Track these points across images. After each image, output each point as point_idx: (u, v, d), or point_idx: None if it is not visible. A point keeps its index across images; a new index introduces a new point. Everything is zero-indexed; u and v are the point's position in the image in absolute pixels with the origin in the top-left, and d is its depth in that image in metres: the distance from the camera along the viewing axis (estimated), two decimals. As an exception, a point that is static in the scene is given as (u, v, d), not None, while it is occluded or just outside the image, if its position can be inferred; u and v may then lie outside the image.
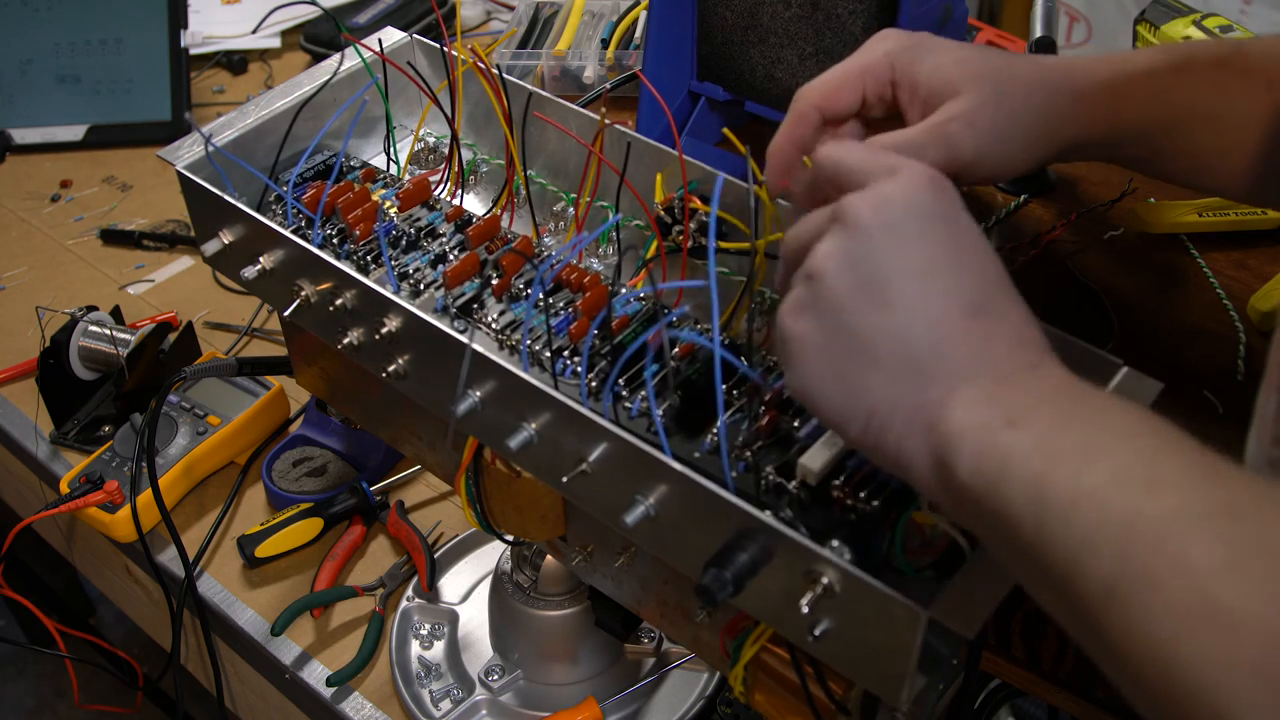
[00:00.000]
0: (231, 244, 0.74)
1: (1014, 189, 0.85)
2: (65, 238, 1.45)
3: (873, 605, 0.50)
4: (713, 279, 0.55)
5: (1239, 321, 0.74)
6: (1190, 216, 0.81)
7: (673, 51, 0.85)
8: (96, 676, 1.52)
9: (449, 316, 0.70)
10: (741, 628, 0.63)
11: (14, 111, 1.58)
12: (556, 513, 0.71)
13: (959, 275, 0.49)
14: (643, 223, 0.74)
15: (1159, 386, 0.58)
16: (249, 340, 1.29)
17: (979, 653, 0.65)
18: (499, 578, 0.94)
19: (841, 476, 0.57)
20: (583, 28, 1.42)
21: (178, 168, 0.75)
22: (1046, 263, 0.79)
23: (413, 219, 0.76)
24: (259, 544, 1.04)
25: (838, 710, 0.60)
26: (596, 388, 0.64)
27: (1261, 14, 2.02)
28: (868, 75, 0.61)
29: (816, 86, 0.62)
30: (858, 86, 0.62)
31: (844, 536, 0.54)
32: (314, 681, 0.97)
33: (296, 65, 1.71)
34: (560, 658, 0.94)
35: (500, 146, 0.81)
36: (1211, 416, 0.68)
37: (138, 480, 1.05)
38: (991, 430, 0.45)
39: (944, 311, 0.48)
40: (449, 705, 0.94)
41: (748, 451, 0.59)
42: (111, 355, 1.18)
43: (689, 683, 0.95)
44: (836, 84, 0.62)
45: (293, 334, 0.87)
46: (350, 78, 0.82)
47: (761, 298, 0.71)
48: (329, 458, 1.13)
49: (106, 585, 1.25)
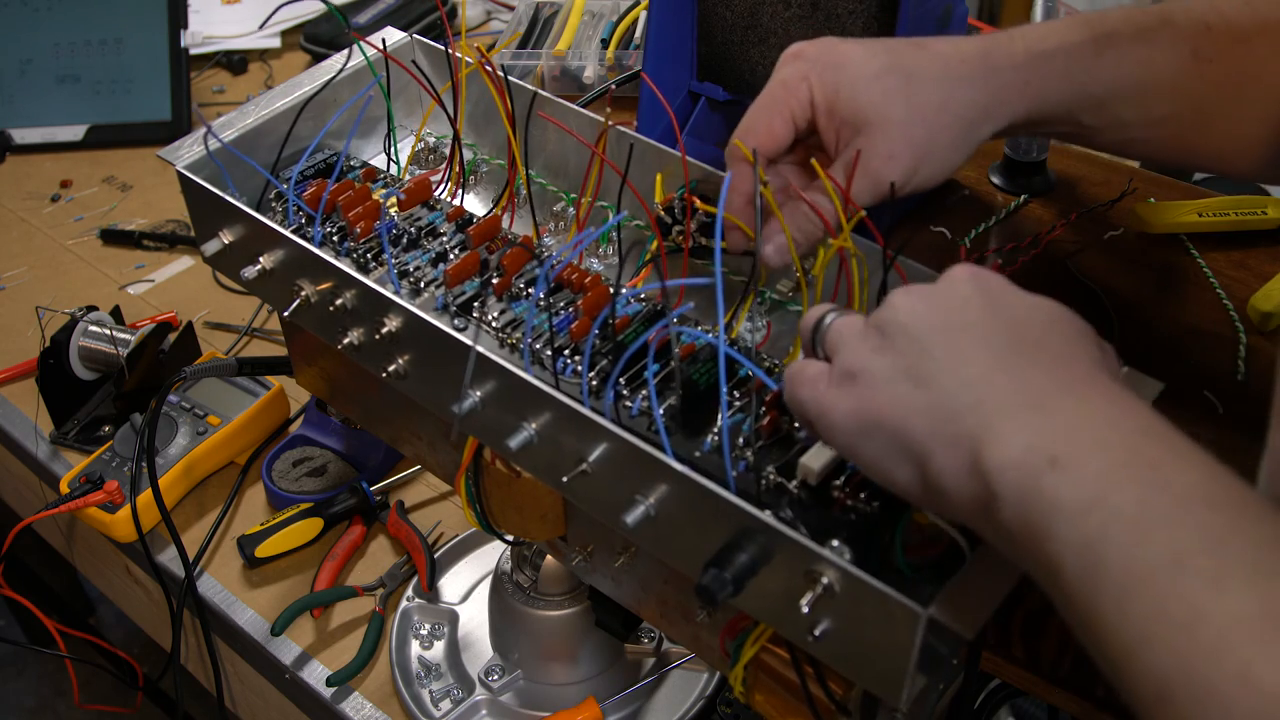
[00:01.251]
0: (231, 244, 0.74)
1: (1014, 189, 0.85)
2: (65, 238, 1.45)
3: (873, 605, 0.50)
4: (719, 277, 0.55)
5: (1239, 321, 0.74)
6: (1190, 216, 0.81)
7: (673, 51, 0.85)
8: (96, 676, 1.51)
9: (449, 315, 0.70)
10: (741, 628, 0.63)
11: (14, 111, 1.58)
12: (556, 513, 0.71)
13: (994, 325, 0.49)
14: (643, 223, 0.74)
15: (1159, 386, 0.58)
16: (249, 340, 1.29)
17: (979, 653, 0.65)
18: (499, 578, 0.94)
19: (842, 477, 0.57)
20: (583, 28, 1.42)
21: (178, 167, 0.75)
22: (1046, 263, 0.79)
23: (413, 218, 0.76)
24: (259, 544, 1.04)
25: (838, 710, 0.60)
26: (598, 386, 0.64)
27: (1261, 14, 2.01)
28: (794, 109, 0.63)
29: (753, 135, 0.63)
30: (789, 124, 0.63)
31: (844, 536, 0.54)
32: (314, 681, 0.97)
33: (296, 65, 1.71)
34: (560, 658, 0.94)
35: (500, 147, 0.81)
36: (1211, 416, 0.68)
37: (138, 480, 1.05)
38: (1034, 472, 0.44)
39: (978, 352, 0.48)
40: (449, 705, 0.94)
41: (748, 451, 0.59)
42: (111, 355, 1.18)
43: (689, 683, 0.95)
44: (768, 128, 0.63)
45: (293, 334, 0.87)
46: (350, 78, 0.82)
47: (763, 297, 0.71)
48: (329, 458, 1.13)
49: (106, 585, 1.25)
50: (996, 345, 0.49)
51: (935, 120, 0.62)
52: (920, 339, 0.50)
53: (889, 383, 0.49)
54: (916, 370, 0.49)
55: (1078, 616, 0.42)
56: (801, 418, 0.54)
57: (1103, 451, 0.44)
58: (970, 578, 0.51)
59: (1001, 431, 0.45)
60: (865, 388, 0.50)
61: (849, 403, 0.50)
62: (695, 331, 0.67)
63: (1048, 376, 0.47)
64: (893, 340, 0.50)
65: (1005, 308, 0.51)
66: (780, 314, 0.70)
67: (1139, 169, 0.91)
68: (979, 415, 0.46)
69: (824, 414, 0.51)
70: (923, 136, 0.62)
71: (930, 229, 0.82)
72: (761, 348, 0.69)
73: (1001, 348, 0.49)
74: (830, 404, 0.51)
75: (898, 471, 0.49)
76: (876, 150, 0.61)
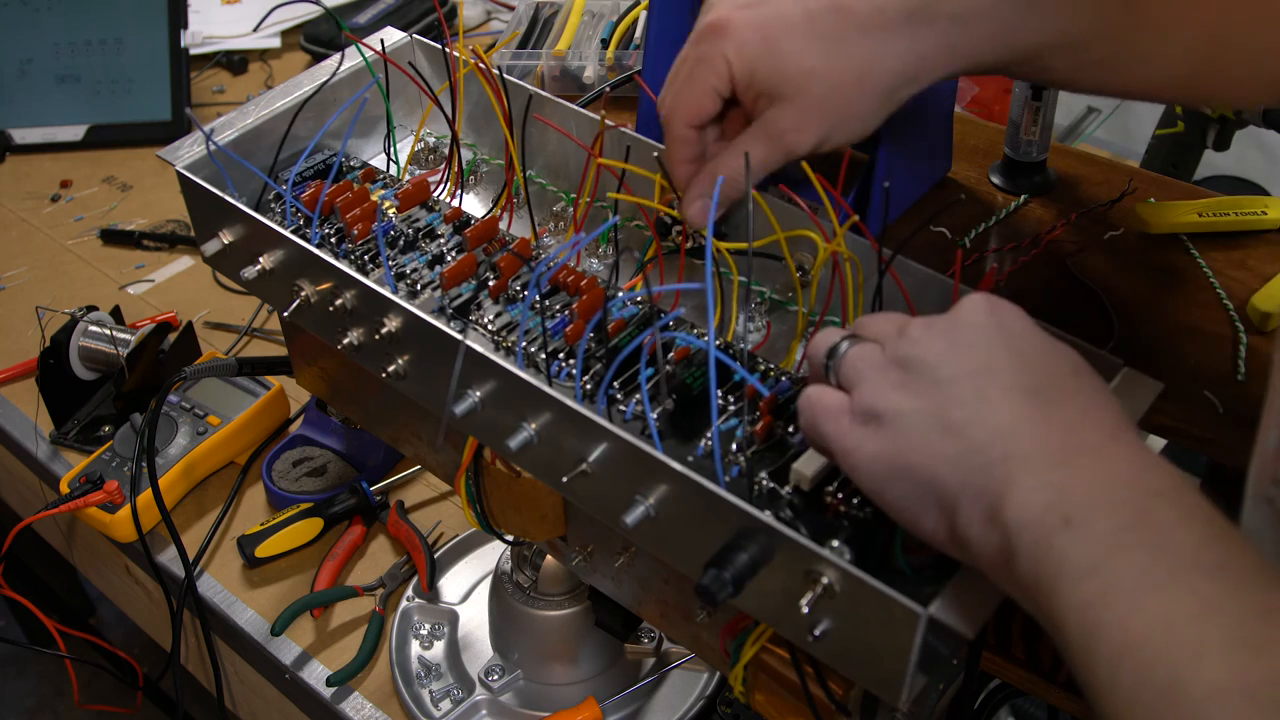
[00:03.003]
0: (231, 244, 0.74)
1: (1014, 189, 0.85)
2: (65, 238, 1.45)
3: (873, 605, 0.50)
4: (709, 280, 0.55)
5: (1239, 321, 0.74)
6: (1190, 216, 0.81)
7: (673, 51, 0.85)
8: (96, 676, 1.52)
9: (446, 317, 0.70)
10: (741, 628, 0.62)
11: (14, 111, 1.59)
12: (556, 513, 0.71)
13: (1017, 369, 0.49)
14: (642, 223, 0.74)
15: (1159, 387, 0.58)
16: (249, 340, 1.29)
17: (979, 653, 0.65)
18: (499, 578, 0.94)
19: (835, 483, 0.57)
20: (583, 28, 1.42)
21: (178, 168, 0.75)
22: (1046, 263, 0.79)
23: (411, 220, 0.76)
24: (259, 544, 1.04)
25: (838, 710, 0.59)
26: (591, 390, 0.64)
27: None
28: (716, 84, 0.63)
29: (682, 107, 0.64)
30: (714, 97, 0.63)
31: (844, 537, 0.54)
32: (314, 681, 0.97)
33: (296, 65, 1.71)
34: (560, 658, 0.94)
35: (500, 146, 0.81)
36: (1211, 416, 0.68)
37: (138, 480, 1.05)
38: (1048, 529, 0.44)
39: (1006, 400, 0.48)
40: (449, 705, 0.94)
41: (741, 457, 0.59)
42: (111, 355, 1.18)
43: (689, 683, 0.95)
44: (697, 102, 0.64)
45: (293, 334, 0.87)
46: (350, 78, 0.82)
47: (763, 297, 0.71)
48: (329, 458, 1.13)
49: (106, 585, 1.25)
50: (1023, 392, 0.49)
51: (854, 91, 0.61)
52: (947, 382, 0.50)
53: (918, 429, 0.49)
54: (945, 416, 0.49)
55: (1079, 675, 0.43)
56: (822, 450, 0.54)
57: (1113, 513, 0.44)
58: (970, 577, 0.51)
59: (1024, 487, 0.46)
60: (893, 431, 0.50)
61: (876, 445, 0.50)
62: (688, 335, 0.67)
63: (1073, 429, 0.48)
64: (918, 379, 0.50)
65: (1029, 349, 0.51)
66: (780, 314, 0.70)
67: (1139, 169, 0.91)
68: (1005, 469, 0.47)
69: (849, 453, 0.51)
70: (839, 108, 0.62)
71: (930, 229, 0.82)
72: (760, 349, 0.69)
73: (1029, 395, 0.49)
74: (856, 444, 0.51)
75: (924, 518, 0.49)
76: (789, 121, 0.62)
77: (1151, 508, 0.44)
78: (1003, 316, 0.52)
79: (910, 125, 0.78)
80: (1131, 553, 0.43)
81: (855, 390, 0.52)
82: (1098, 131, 1.48)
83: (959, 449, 0.48)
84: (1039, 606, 0.45)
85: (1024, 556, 0.45)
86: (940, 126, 0.85)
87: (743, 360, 0.65)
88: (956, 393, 0.49)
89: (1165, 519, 0.44)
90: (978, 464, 0.47)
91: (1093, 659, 0.42)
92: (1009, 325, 0.52)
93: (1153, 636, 0.41)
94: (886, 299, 0.63)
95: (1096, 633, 0.42)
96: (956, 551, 0.49)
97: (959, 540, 0.48)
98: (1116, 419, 0.49)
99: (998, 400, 0.48)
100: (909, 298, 0.63)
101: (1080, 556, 0.43)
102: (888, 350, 0.53)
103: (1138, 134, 1.51)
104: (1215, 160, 1.16)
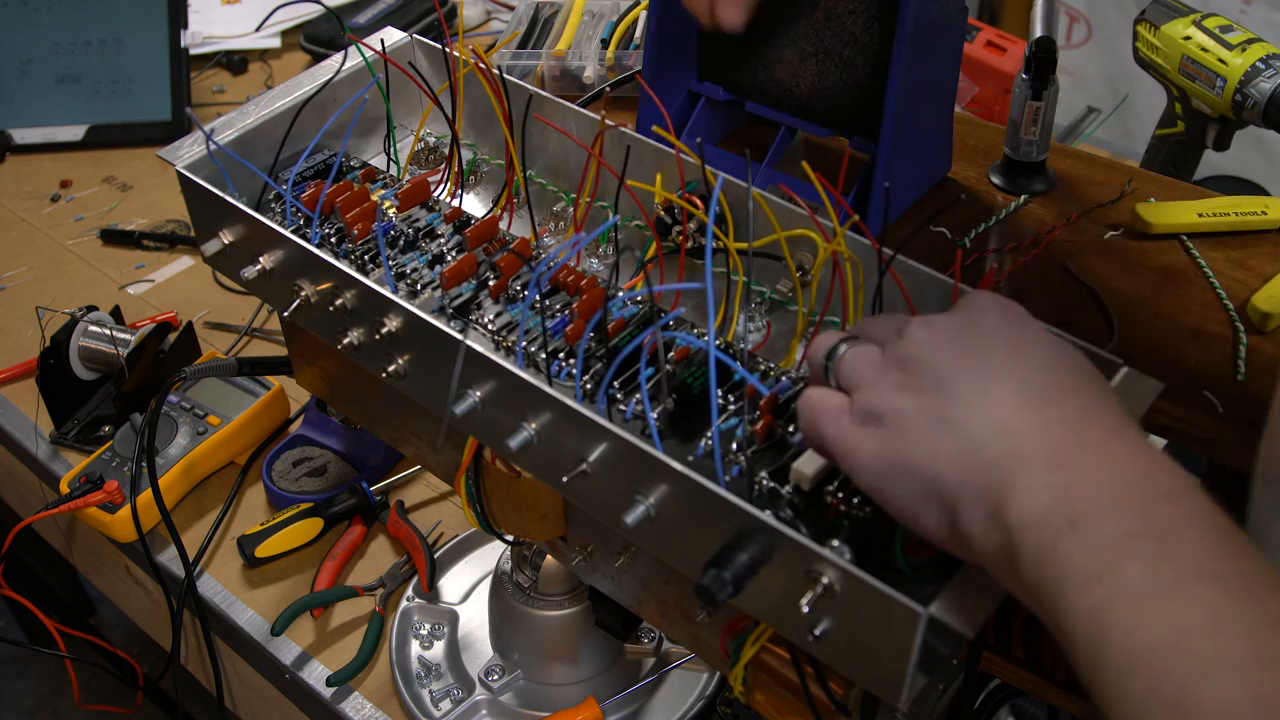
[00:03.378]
0: (231, 244, 0.74)
1: (1014, 189, 0.85)
2: (65, 238, 1.45)
3: (873, 605, 0.50)
4: (709, 280, 0.55)
5: (1239, 321, 0.74)
6: (1190, 216, 0.81)
7: (673, 51, 0.85)
8: (96, 676, 1.52)
9: (446, 317, 0.70)
10: (741, 628, 0.62)
11: (14, 111, 1.58)
12: (556, 513, 0.71)
13: (1018, 367, 0.49)
14: (642, 223, 0.74)
15: (1159, 386, 0.58)
16: (249, 340, 1.29)
17: (979, 653, 0.65)
18: (499, 578, 0.94)
19: (835, 483, 0.57)
20: (583, 28, 1.42)
21: (178, 168, 0.75)
22: (1046, 263, 0.79)
23: (411, 219, 0.76)
24: (259, 544, 1.04)
25: (838, 710, 0.59)
26: (591, 390, 0.64)
27: (1261, 14, 2.01)
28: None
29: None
30: None
31: (844, 536, 0.54)
32: (314, 681, 0.97)
33: (296, 65, 1.71)
34: (560, 658, 0.94)
35: (500, 146, 0.81)
36: (1211, 416, 0.68)
37: (138, 480, 1.05)
38: (1052, 532, 0.44)
39: (1007, 396, 0.48)
40: (449, 705, 0.94)
41: (741, 456, 0.59)
42: (111, 355, 1.18)
43: (689, 683, 0.95)
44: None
45: (293, 334, 0.87)
46: (350, 78, 0.82)
47: (763, 297, 0.71)
48: (329, 458, 1.13)
49: (106, 585, 1.25)
50: (1026, 389, 0.48)
51: None
52: (946, 380, 0.49)
53: (918, 427, 0.49)
54: (945, 413, 0.49)
55: (1087, 680, 0.43)
56: (822, 451, 0.54)
57: (1119, 516, 0.44)
58: (971, 577, 0.51)
59: (1027, 487, 0.46)
60: (893, 430, 0.50)
61: (876, 444, 0.50)
62: (688, 335, 0.67)
63: (1075, 428, 0.47)
64: (918, 378, 0.50)
65: (1030, 347, 0.51)
66: (780, 314, 0.70)
67: (1139, 169, 0.91)
68: (1006, 468, 0.46)
69: (849, 453, 0.51)
70: None
71: (930, 229, 0.82)
72: (760, 349, 0.69)
73: (1031, 393, 0.48)
74: (856, 444, 0.51)
75: (926, 516, 0.49)
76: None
77: (1157, 511, 0.44)
78: (1004, 314, 0.52)
79: (910, 125, 0.78)
80: (1138, 559, 0.43)
81: (855, 391, 0.52)
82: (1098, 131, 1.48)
83: (959, 446, 0.48)
84: (1043, 607, 0.45)
85: (1028, 558, 0.45)
86: (940, 126, 0.85)
87: (743, 360, 0.65)
88: (956, 390, 0.49)
89: (1171, 523, 0.44)
90: (978, 461, 0.47)
91: (1101, 665, 0.42)
92: (1010, 323, 0.52)
93: (1162, 648, 0.40)
94: (886, 299, 0.63)
95: (1104, 639, 0.42)
96: (958, 549, 0.49)
97: (961, 538, 0.48)
98: (1119, 417, 0.49)
99: (998, 397, 0.48)
100: (909, 298, 0.63)
101: (1086, 561, 0.43)
102: (887, 351, 0.52)
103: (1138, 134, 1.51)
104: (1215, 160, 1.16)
